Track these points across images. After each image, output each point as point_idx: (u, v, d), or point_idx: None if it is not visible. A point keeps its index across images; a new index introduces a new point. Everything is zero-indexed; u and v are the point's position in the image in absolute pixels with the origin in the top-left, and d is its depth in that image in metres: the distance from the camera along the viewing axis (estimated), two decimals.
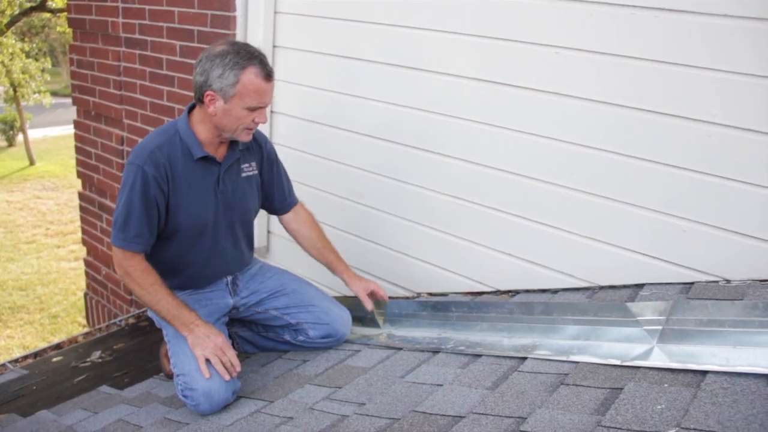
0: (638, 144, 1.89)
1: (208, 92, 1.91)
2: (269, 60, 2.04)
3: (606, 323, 1.76)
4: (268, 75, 1.93)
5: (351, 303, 2.31)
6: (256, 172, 2.19)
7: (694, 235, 1.84)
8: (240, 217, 2.17)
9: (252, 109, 1.94)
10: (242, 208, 2.17)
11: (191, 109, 2.04)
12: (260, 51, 1.95)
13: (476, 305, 2.11)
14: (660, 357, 1.53)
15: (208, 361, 1.88)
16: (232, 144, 2.09)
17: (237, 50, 1.91)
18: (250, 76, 1.89)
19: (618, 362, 1.54)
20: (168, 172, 1.95)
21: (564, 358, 1.65)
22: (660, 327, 1.63)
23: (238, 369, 1.91)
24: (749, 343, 1.49)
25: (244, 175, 2.15)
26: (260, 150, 2.21)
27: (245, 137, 2.02)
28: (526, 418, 1.35)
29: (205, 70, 1.91)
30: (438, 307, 2.18)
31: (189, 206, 2.01)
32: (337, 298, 2.51)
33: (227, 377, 1.87)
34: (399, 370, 1.84)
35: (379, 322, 2.24)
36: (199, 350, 1.89)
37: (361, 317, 2.33)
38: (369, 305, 2.21)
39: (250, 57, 1.90)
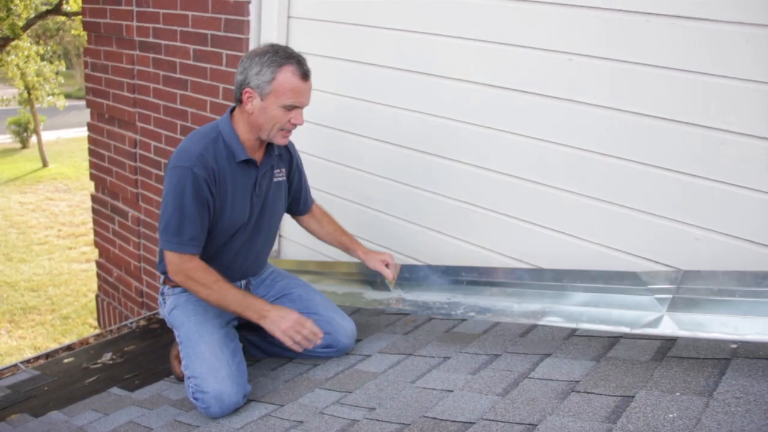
0: (651, 151, 1.88)
1: (246, 89, 1.95)
2: None
3: (616, 291, 1.75)
4: (304, 74, 1.95)
5: (360, 267, 2.31)
6: (285, 178, 2.23)
7: (707, 242, 1.83)
8: (269, 221, 2.20)
9: (288, 109, 1.96)
10: (272, 212, 2.20)
11: (232, 111, 2.06)
12: (299, 53, 1.98)
13: (486, 271, 2.09)
14: (669, 325, 1.52)
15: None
16: (269, 149, 2.12)
17: (276, 50, 1.95)
18: (287, 74, 1.92)
19: (627, 329, 1.53)
20: (216, 174, 1.97)
21: (574, 325, 1.64)
22: (670, 295, 1.62)
23: (321, 335, 1.99)
24: (760, 313, 1.48)
25: (275, 180, 2.18)
26: (290, 158, 2.26)
27: (281, 140, 2.04)
28: (536, 425, 1.35)
29: (245, 68, 1.95)
30: (449, 272, 2.18)
31: (231, 208, 2.04)
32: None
33: (311, 346, 1.96)
34: (409, 375, 1.84)
35: (389, 286, 2.25)
36: (279, 332, 1.95)
37: (371, 281, 2.33)
38: (389, 275, 2.23)
39: (287, 56, 1.94)
